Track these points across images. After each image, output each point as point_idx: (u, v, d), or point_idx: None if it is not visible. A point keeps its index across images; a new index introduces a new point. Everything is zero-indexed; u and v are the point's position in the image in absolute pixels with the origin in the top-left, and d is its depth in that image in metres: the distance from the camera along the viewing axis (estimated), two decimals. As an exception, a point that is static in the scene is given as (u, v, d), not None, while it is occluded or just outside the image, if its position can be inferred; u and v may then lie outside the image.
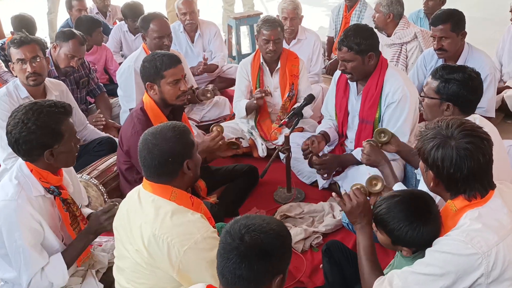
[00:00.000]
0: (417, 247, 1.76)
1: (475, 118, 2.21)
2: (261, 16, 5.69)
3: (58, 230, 2.20)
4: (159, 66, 2.74)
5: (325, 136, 3.24)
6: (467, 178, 1.65)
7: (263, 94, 3.55)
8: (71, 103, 3.29)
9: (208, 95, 3.84)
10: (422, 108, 2.40)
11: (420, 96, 2.38)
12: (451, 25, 3.27)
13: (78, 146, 2.25)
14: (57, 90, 3.30)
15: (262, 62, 3.73)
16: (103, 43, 4.91)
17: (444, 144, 1.66)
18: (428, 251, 1.69)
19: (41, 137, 2.03)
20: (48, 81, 3.26)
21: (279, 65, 3.73)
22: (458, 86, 2.21)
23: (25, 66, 3.04)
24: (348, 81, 3.10)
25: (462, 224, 1.66)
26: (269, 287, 1.42)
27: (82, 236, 2.22)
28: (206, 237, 1.80)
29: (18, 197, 2.02)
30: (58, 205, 2.17)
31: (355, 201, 1.98)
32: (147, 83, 2.78)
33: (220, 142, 2.87)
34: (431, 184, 1.76)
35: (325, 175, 3.14)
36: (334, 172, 3.22)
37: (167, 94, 2.77)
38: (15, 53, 3.06)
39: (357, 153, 3.03)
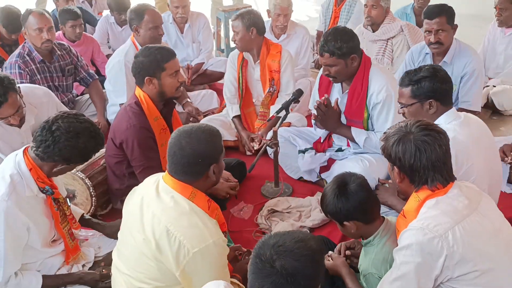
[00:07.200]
0: None
1: (460, 116, 2.29)
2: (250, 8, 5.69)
3: (52, 227, 2.21)
4: (159, 58, 2.71)
5: None
6: (427, 168, 1.75)
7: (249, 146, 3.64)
8: (58, 107, 3.17)
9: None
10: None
11: (399, 111, 2.43)
12: (446, 18, 3.30)
13: None
14: (33, 113, 2.94)
15: (245, 53, 3.76)
16: (89, 35, 4.86)
17: (404, 138, 1.78)
18: (395, 252, 1.78)
19: (74, 155, 2.06)
20: (27, 105, 2.80)
21: (258, 59, 3.75)
22: (430, 81, 2.28)
23: (8, 120, 2.71)
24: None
25: (421, 213, 1.76)
26: None
27: (74, 276, 2.25)
28: (218, 244, 1.82)
29: (9, 198, 2.01)
30: (50, 204, 2.17)
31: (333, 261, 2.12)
32: (146, 77, 2.73)
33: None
34: (397, 180, 1.86)
35: (318, 122, 3.11)
36: (318, 169, 3.22)
37: (168, 86, 2.75)
38: None
39: (356, 132, 3.04)
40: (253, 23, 3.60)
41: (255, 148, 3.62)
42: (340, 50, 2.83)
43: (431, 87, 2.27)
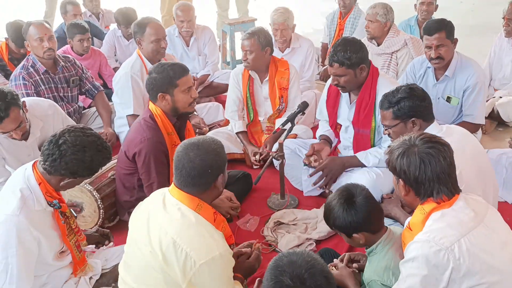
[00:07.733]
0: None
1: (442, 128, 2.36)
2: (255, 22, 5.75)
3: (61, 240, 2.22)
4: (172, 75, 2.74)
5: (327, 140, 3.27)
6: (432, 180, 1.77)
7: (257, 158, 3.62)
8: (63, 119, 3.20)
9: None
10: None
11: (384, 132, 2.54)
12: (445, 33, 3.31)
13: None
14: (39, 125, 2.99)
15: (252, 71, 3.75)
16: (97, 48, 4.91)
17: (408, 151, 1.81)
18: (401, 264, 1.79)
19: (80, 169, 2.08)
20: (33, 118, 2.94)
21: (267, 76, 3.75)
22: (409, 100, 2.37)
23: (10, 134, 2.77)
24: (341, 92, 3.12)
25: (427, 225, 1.77)
26: None
27: None
28: (224, 256, 1.84)
29: (20, 213, 2.02)
30: (57, 217, 2.19)
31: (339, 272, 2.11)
32: (159, 94, 2.76)
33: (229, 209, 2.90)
34: (403, 193, 1.87)
35: (330, 181, 3.14)
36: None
37: (181, 102, 2.78)
38: None
39: (361, 156, 3.06)
40: (268, 43, 3.63)
41: (258, 160, 3.60)
42: (350, 60, 2.86)
43: (411, 106, 2.36)
